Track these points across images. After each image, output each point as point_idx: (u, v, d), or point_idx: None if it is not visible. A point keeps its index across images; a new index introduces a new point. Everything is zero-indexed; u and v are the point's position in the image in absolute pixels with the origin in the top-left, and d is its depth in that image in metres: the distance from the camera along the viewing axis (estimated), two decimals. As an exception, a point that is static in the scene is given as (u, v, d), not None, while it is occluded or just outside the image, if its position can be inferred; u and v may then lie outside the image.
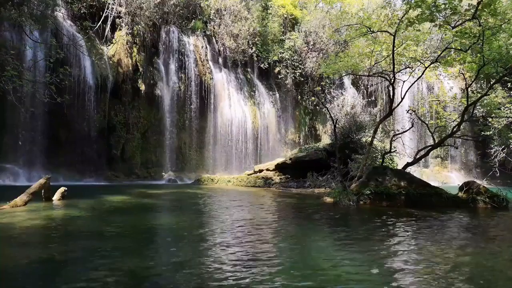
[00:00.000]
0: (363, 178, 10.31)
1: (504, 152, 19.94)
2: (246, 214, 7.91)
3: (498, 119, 17.45)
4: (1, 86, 11.07)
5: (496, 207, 8.93)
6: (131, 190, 12.20)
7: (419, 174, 19.47)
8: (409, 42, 12.16)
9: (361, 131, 16.25)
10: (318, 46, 24.91)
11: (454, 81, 22.95)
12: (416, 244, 5.12)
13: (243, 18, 23.25)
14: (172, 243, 5.01)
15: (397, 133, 13.97)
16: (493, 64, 10.34)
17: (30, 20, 12.81)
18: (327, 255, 4.39)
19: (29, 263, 3.85)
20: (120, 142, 18.71)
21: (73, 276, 3.42)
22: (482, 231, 6.47)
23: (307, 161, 16.23)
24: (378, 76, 15.14)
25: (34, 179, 12.29)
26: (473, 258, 4.43)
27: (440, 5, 9.77)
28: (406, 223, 6.84)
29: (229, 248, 4.55)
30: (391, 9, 13.23)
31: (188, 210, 8.41)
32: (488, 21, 10.07)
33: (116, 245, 4.64)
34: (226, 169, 21.29)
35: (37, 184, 8.03)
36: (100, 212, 7.46)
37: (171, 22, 21.42)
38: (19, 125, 15.39)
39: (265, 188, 14.98)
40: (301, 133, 26.03)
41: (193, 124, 21.22)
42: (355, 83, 27.22)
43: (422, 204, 8.90)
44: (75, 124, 16.72)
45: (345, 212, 8.18)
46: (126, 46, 19.15)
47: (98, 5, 18.50)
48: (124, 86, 18.95)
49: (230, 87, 22.82)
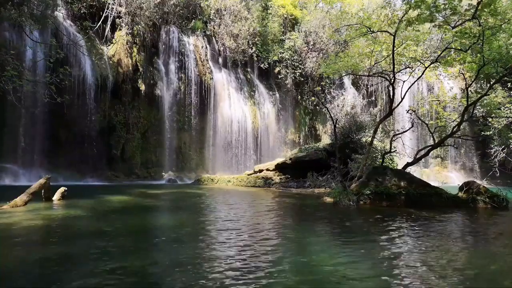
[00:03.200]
0: (363, 178, 10.31)
1: (504, 152, 19.94)
2: (246, 214, 7.91)
3: (498, 119, 17.44)
4: (1, 86, 11.07)
5: (496, 207, 8.93)
6: (131, 190, 12.19)
7: (419, 174, 19.48)
8: (409, 42, 12.16)
9: (361, 131, 16.25)
10: (318, 46, 24.92)
11: (454, 81, 22.94)
12: (416, 244, 5.12)
13: (243, 18, 23.25)
14: (172, 243, 5.01)
15: (397, 133, 13.97)
16: (493, 64, 10.34)
17: (30, 20, 12.81)
18: (327, 255, 4.39)
19: (29, 263, 3.85)
20: (120, 142, 18.70)
21: (73, 276, 3.42)
22: (482, 231, 6.46)
23: (307, 161, 16.23)
24: (378, 76, 15.14)
25: (34, 179, 12.28)
26: (473, 258, 4.43)
27: (439, 5, 9.77)
28: (406, 223, 6.84)
29: (229, 248, 4.55)
30: (391, 9, 13.22)
31: (188, 210, 8.41)
32: (488, 21, 10.07)
33: (116, 245, 4.64)
34: (226, 169, 21.28)
35: (37, 184, 8.03)
36: (100, 212, 7.46)
37: (171, 22, 21.42)
38: (19, 125, 15.39)
39: (265, 188, 14.97)
40: (301, 133, 26.04)
41: (193, 124, 21.22)
42: (355, 83, 27.22)
43: (422, 204, 8.89)
44: (75, 124, 16.71)
45: (345, 212, 8.17)
46: (126, 46, 19.15)
47: (98, 5, 18.50)
48: (124, 86, 18.94)
49: (230, 87, 22.82)
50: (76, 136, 16.87)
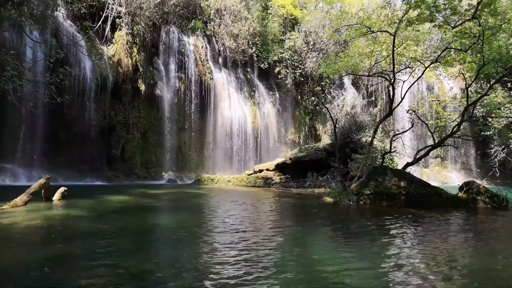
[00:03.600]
0: (363, 178, 10.31)
1: (504, 152, 19.93)
2: (246, 214, 7.90)
3: (498, 119, 17.43)
4: (1, 86, 11.06)
5: (496, 207, 8.93)
6: (131, 190, 12.19)
7: (419, 174, 19.47)
8: (409, 42, 12.16)
9: (361, 131, 16.25)
10: (318, 46, 24.91)
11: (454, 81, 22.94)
12: (416, 244, 5.12)
13: (243, 18, 23.24)
14: (172, 244, 5.01)
15: (397, 133, 13.97)
16: (493, 64, 10.34)
17: (30, 20, 12.80)
18: (327, 255, 4.39)
19: (29, 263, 3.85)
20: (120, 142, 18.70)
21: (73, 276, 3.42)
22: (482, 232, 6.46)
23: (307, 161, 16.23)
24: (378, 76, 15.14)
25: (34, 179, 12.28)
26: (473, 258, 4.43)
27: (439, 5, 9.77)
28: (406, 223, 6.83)
29: (228, 248, 4.55)
30: (391, 9, 13.22)
31: (188, 210, 8.41)
32: (488, 21, 10.07)
33: (116, 245, 4.64)
34: (226, 169, 21.28)
35: (37, 184, 8.03)
36: (100, 212, 7.45)
37: (171, 22, 21.42)
38: (19, 125, 15.38)
39: (265, 188, 14.97)
40: (301, 133, 26.03)
41: (193, 124, 21.21)
42: (355, 83, 27.22)
43: (422, 204, 8.89)
44: (75, 124, 16.70)
45: (345, 212, 8.17)
46: (126, 46, 19.15)
47: (98, 5, 18.50)
48: (124, 86, 18.94)
49: (230, 87, 22.82)
50: (76, 136, 16.85)
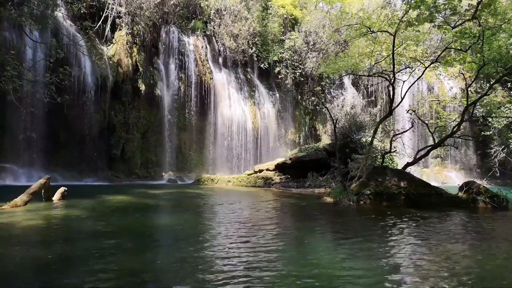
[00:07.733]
0: (363, 178, 10.31)
1: (504, 152, 19.94)
2: (246, 214, 7.91)
3: (498, 119, 17.45)
4: (1, 86, 11.07)
5: (496, 207, 8.93)
6: (131, 190, 12.19)
7: (419, 174, 19.48)
8: (409, 42, 12.17)
9: (361, 131, 16.25)
10: (318, 46, 24.90)
11: (454, 81, 22.96)
12: (416, 244, 5.12)
13: (243, 18, 23.24)
14: (172, 244, 5.01)
15: (397, 133, 13.99)
16: (493, 64, 10.35)
17: (30, 20, 12.80)
18: (327, 254, 4.39)
19: (29, 263, 3.85)
20: (120, 142, 18.69)
21: (73, 276, 3.42)
22: (482, 231, 6.46)
23: (307, 161, 16.22)
24: (378, 76, 15.14)
25: (34, 179, 12.27)
26: (474, 258, 4.43)
27: (439, 6, 9.77)
28: (406, 223, 6.83)
29: (229, 249, 4.55)
30: (391, 9, 13.23)
31: (188, 211, 8.40)
32: (488, 21, 10.07)
33: (116, 245, 4.64)
34: (226, 169, 21.28)
35: (37, 184, 8.03)
36: (100, 212, 7.45)
37: (171, 22, 21.42)
38: (19, 125, 15.38)
39: (265, 188, 14.97)
40: (301, 133, 26.02)
41: (193, 124, 21.21)
42: (355, 83, 27.20)
43: (422, 204, 8.90)
44: (75, 124, 16.69)
45: (345, 212, 8.17)
46: (126, 46, 19.14)
47: (98, 5, 18.49)
48: (124, 86, 18.93)
49: (230, 87, 22.81)
50: (76, 136, 16.84)
